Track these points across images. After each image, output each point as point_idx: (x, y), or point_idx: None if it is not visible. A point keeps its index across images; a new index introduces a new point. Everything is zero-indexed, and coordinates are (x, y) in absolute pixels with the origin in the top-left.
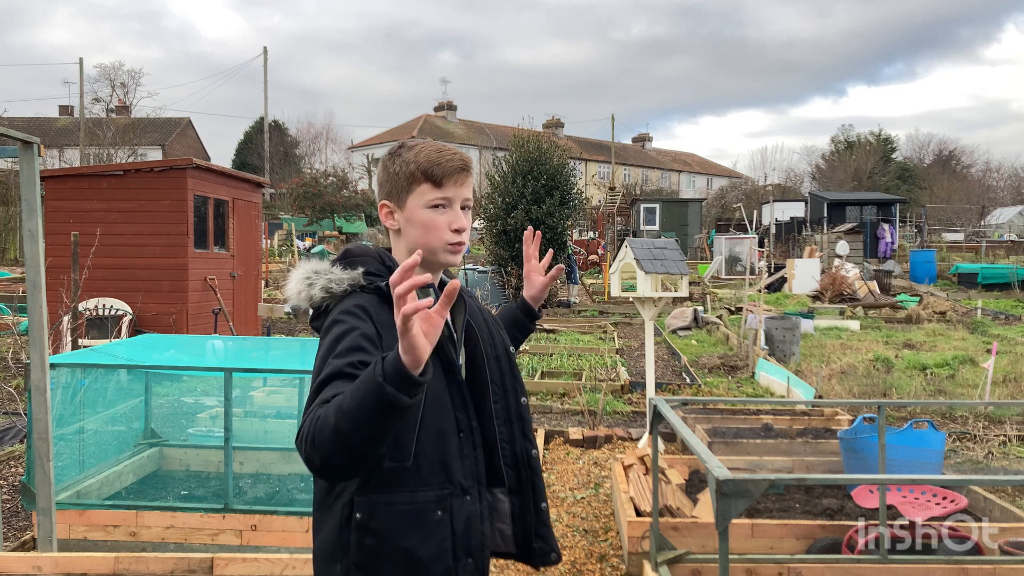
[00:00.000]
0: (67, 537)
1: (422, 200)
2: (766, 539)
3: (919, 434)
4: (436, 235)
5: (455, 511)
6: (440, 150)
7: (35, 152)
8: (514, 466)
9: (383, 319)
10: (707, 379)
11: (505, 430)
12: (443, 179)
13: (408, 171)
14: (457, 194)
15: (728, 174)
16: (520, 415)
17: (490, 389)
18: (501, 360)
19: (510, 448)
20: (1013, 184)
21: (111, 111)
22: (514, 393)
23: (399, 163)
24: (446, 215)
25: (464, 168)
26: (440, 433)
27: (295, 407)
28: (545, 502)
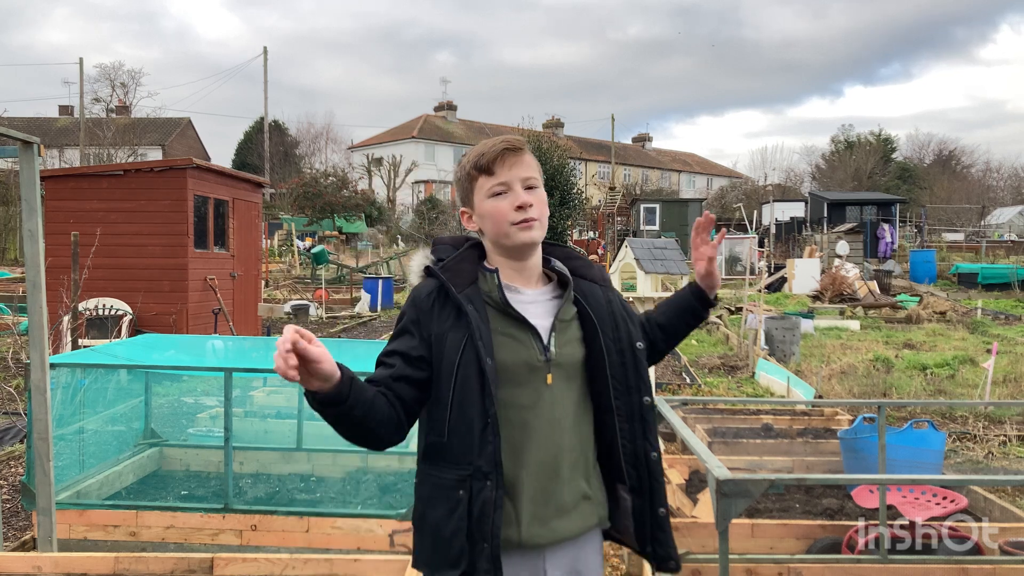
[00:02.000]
0: (67, 537)
1: (483, 193)
2: (766, 539)
3: (919, 434)
4: (502, 220)
5: (474, 493)
6: (485, 143)
7: (35, 152)
8: (634, 465)
9: (427, 305)
10: (707, 379)
11: (627, 427)
12: (491, 165)
13: (465, 173)
14: (512, 175)
15: (728, 174)
16: (642, 415)
17: (610, 384)
18: (625, 355)
19: (631, 447)
20: (1013, 184)
21: (111, 111)
22: (637, 391)
23: (459, 170)
24: (507, 198)
25: (508, 148)
26: (467, 417)
27: (295, 407)
28: (664, 507)
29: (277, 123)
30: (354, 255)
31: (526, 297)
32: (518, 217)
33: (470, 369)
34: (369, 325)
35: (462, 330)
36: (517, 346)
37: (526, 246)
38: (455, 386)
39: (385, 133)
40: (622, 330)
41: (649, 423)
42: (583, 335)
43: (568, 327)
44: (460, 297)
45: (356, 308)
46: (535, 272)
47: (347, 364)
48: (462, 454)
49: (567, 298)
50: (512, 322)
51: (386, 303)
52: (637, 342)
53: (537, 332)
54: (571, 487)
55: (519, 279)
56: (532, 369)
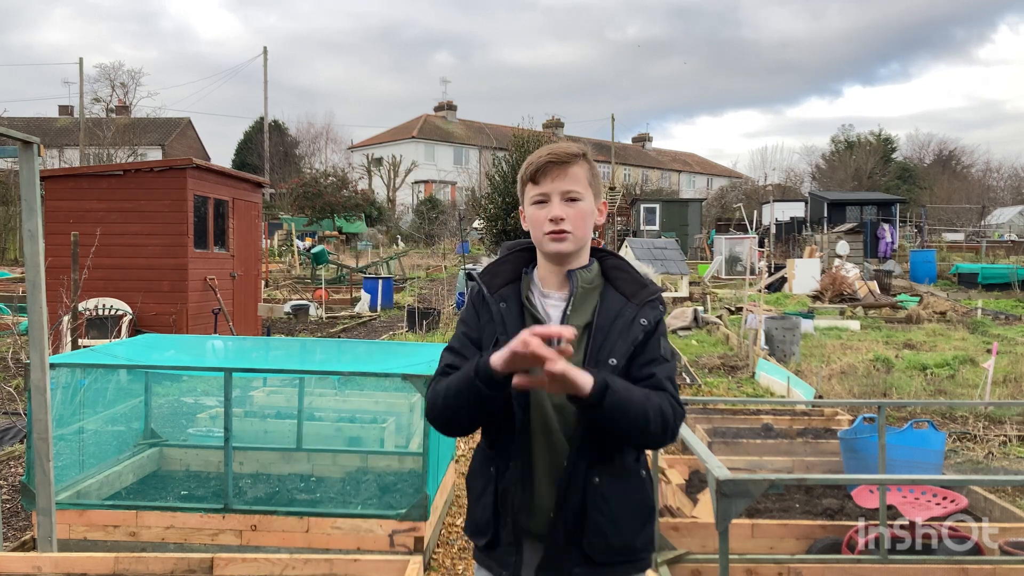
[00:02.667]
0: (67, 537)
1: (528, 199)
2: (766, 539)
3: (919, 434)
4: (538, 228)
5: (500, 473)
6: (540, 152)
7: (35, 152)
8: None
9: (476, 300)
10: (707, 379)
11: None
12: (536, 176)
13: (519, 178)
14: (553, 187)
15: (728, 174)
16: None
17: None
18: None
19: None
20: (1013, 184)
21: (111, 111)
22: None
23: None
24: (544, 209)
25: (554, 161)
26: (508, 407)
27: (295, 407)
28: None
29: (277, 123)
30: (354, 255)
31: (552, 300)
32: (549, 228)
33: None
34: (369, 325)
35: (494, 326)
36: None
37: (555, 256)
38: None
39: (385, 133)
40: (609, 342)
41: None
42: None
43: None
44: (492, 297)
45: (356, 308)
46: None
47: (347, 364)
48: (496, 438)
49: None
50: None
51: (386, 303)
52: (611, 358)
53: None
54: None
55: (552, 281)
56: None
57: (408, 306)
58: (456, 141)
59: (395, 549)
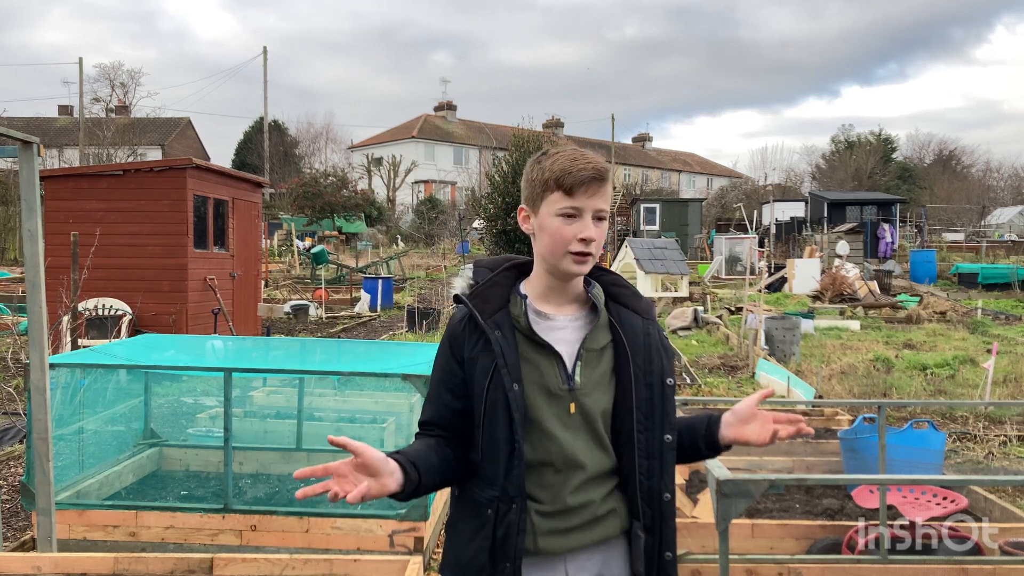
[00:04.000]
0: (67, 537)
1: (553, 208)
2: (766, 539)
3: (919, 434)
4: (562, 244)
5: (499, 515)
6: (575, 159)
7: (34, 152)
8: (649, 503)
9: (459, 331)
10: (707, 379)
11: (646, 464)
12: (574, 188)
13: (543, 179)
14: (588, 204)
15: (728, 174)
16: (662, 453)
17: (635, 417)
18: (654, 389)
19: (648, 484)
20: (1013, 184)
21: (111, 111)
22: (660, 428)
23: (537, 170)
24: (574, 225)
25: (597, 178)
26: (495, 441)
27: (295, 407)
28: (672, 552)
29: (277, 123)
30: (354, 255)
31: (556, 323)
32: (576, 248)
33: (497, 395)
34: (369, 325)
35: (490, 356)
36: (538, 373)
37: (573, 276)
38: (485, 411)
39: (385, 133)
40: (655, 363)
41: (667, 462)
42: (614, 364)
43: (599, 357)
44: (486, 323)
45: (356, 308)
46: (572, 294)
47: (347, 364)
48: (492, 476)
49: (597, 325)
50: (536, 348)
51: (386, 303)
52: (668, 377)
53: (561, 359)
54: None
55: (554, 300)
56: (554, 396)
57: (408, 306)
58: (456, 141)
59: (395, 549)
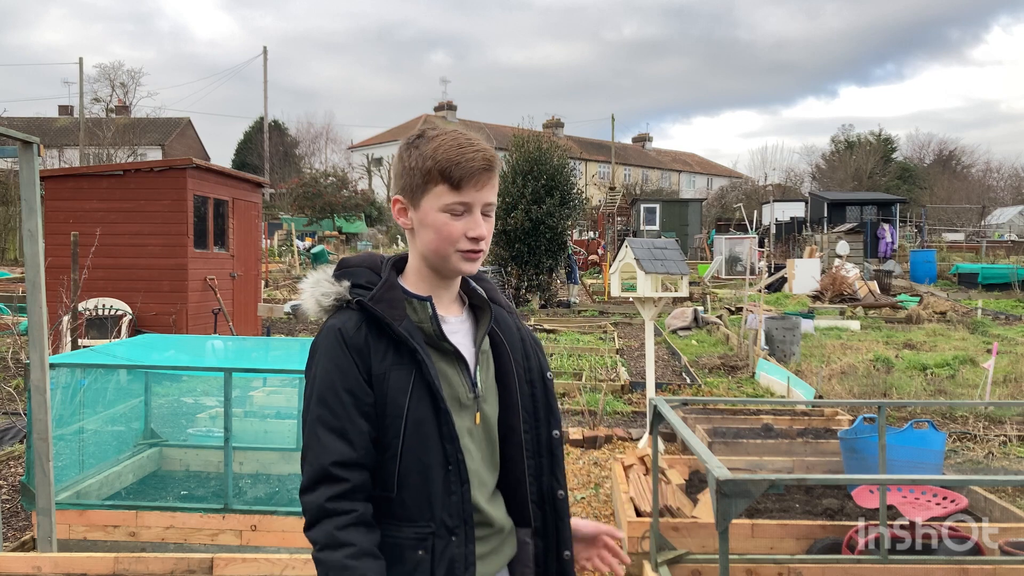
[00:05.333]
0: (67, 537)
1: (438, 202)
2: (766, 539)
3: (919, 434)
4: (449, 242)
5: (437, 553)
6: (462, 146)
7: (35, 152)
8: (540, 505)
9: (359, 342)
10: (707, 379)
11: (533, 464)
12: (462, 182)
13: (424, 168)
14: (477, 198)
15: (728, 174)
16: (551, 449)
17: (520, 417)
18: (535, 385)
19: (536, 485)
20: (1013, 184)
21: (111, 111)
22: (547, 424)
23: (416, 157)
24: (463, 221)
25: (487, 168)
26: (424, 466)
27: (295, 407)
28: (569, 550)
29: (277, 123)
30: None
31: (451, 326)
32: (467, 246)
33: (423, 411)
34: None
35: (406, 368)
36: (448, 383)
37: (461, 274)
38: (405, 432)
39: (385, 133)
40: (532, 359)
41: (556, 458)
42: (496, 365)
43: (487, 359)
44: (403, 332)
45: None
46: (454, 294)
47: None
48: (419, 509)
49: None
50: (442, 356)
51: None
52: (547, 372)
53: (467, 366)
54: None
55: (442, 300)
56: (463, 408)
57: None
58: None
59: None
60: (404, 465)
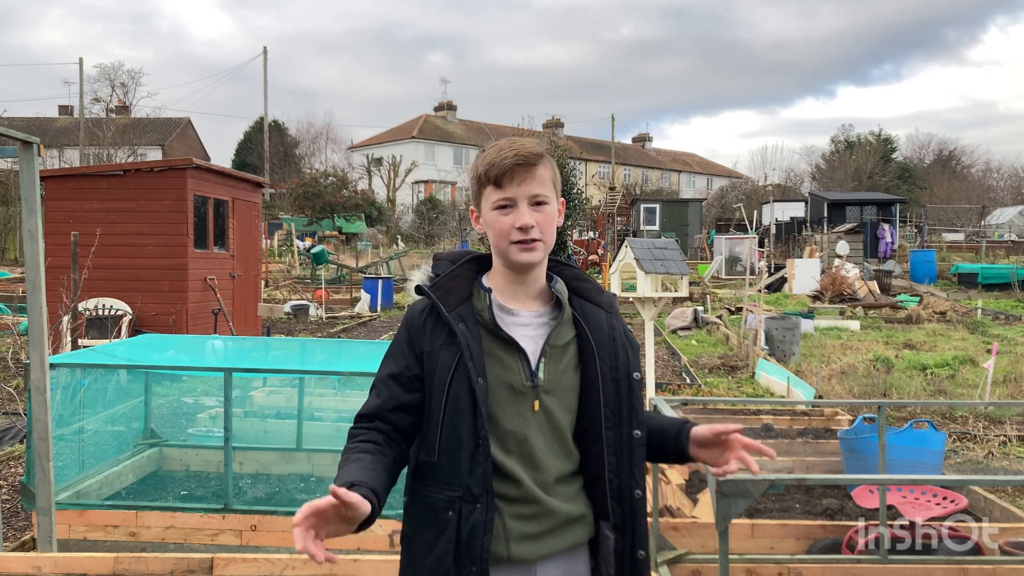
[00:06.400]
0: (67, 537)
1: (489, 203)
2: (766, 539)
3: (919, 434)
4: (503, 236)
5: (463, 516)
6: (500, 149)
7: (35, 152)
8: (619, 501)
9: (419, 323)
10: (707, 379)
11: (615, 461)
12: (501, 179)
13: (476, 176)
14: (520, 192)
15: (728, 174)
16: (631, 449)
17: (602, 413)
18: (620, 384)
19: (617, 481)
20: (1013, 184)
21: (111, 111)
22: (628, 423)
23: (472, 169)
24: (510, 215)
25: (521, 163)
26: (457, 437)
27: (295, 407)
28: (644, 550)
29: (277, 123)
30: (354, 255)
31: (520, 319)
32: (517, 236)
33: (461, 388)
34: (369, 325)
35: (454, 348)
36: (502, 368)
37: (524, 266)
38: (446, 405)
39: (385, 133)
40: (620, 358)
41: (637, 458)
42: (579, 360)
43: (563, 352)
44: (450, 316)
45: (356, 308)
46: (534, 289)
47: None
48: (452, 475)
49: (561, 321)
50: (500, 343)
51: (386, 303)
52: (634, 372)
53: (525, 355)
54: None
55: (518, 295)
56: (517, 393)
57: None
58: (456, 141)
59: (395, 549)
60: (444, 435)
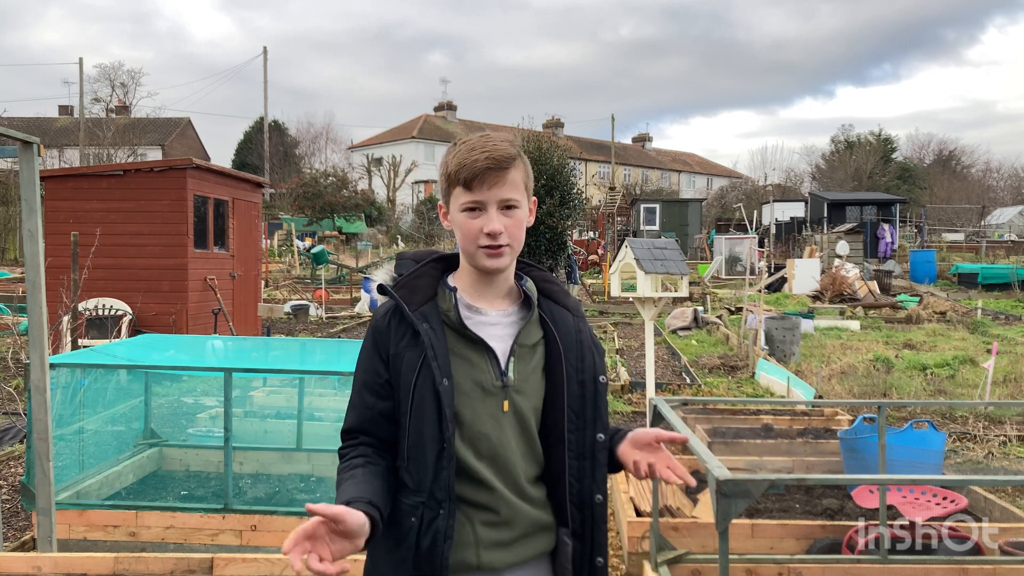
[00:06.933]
0: (67, 537)
1: (457, 204)
2: (766, 539)
3: (919, 434)
4: (471, 239)
5: (424, 522)
6: (472, 148)
7: (35, 152)
8: (579, 507)
9: (383, 326)
10: (707, 379)
11: (576, 464)
12: (471, 182)
13: (446, 173)
14: (489, 196)
15: (728, 174)
16: (594, 452)
17: (566, 415)
18: (586, 387)
19: (578, 486)
20: (1013, 184)
21: (111, 111)
22: (592, 426)
23: (442, 164)
24: (479, 219)
25: (493, 167)
26: (422, 440)
27: (295, 407)
28: (603, 556)
29: (277, 123)
30: (354, 255)
31: (488, 318)
32: (485, 241)
33: (425, 390)
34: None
35: (418, 349)
36: (471, 368)
37: (491, 271)
38: (412, 408)
39: (385, 133)
40: (587, 360)
41: (599, 463)
42: (546, 361)
43: (531, 353)
44: (414, 316)
45: (356, 308)
46: (503, 289)
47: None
48: (418, 479)
49: (529, 320)
50: (468, 343)
51: None
52: (600, 375)
53: (495, 354)
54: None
55: (486, 294)
56: (487, 393)
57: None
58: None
59: None
60: (411, 438)
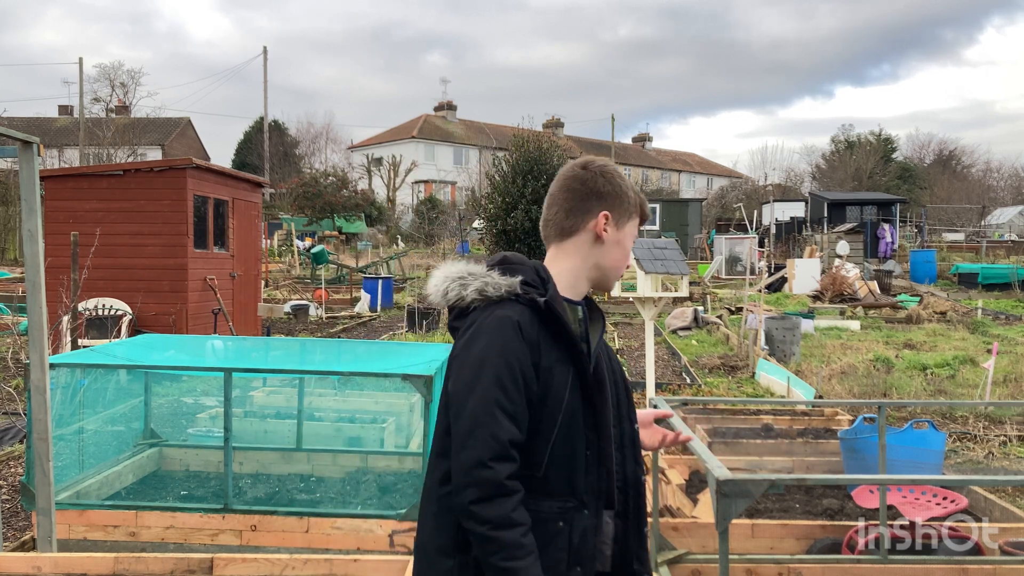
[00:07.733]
0: (67, 537)
1: (633, 230)
2: (766, 539)
3: (919, 434)
4: (621, 263)
5: (574, 524)
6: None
7: (34, 152)
8: (623, 490)
9: (533, 336)
10: (707, 379)
11: (618, 455)
12: (645, 220)
13: (634, 201)
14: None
15: (728, 174)
16: (632, 440)
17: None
18: (619, 385)
19: (621, 472)
20: (1013, 184)
21: (111, 111)
22: (628, 419)
23: (628, 186)
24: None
25: None
26: (571, 449)
27: (295, 407)
28: (647, 526)
29: (277, 123)
30: (354, 255)
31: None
32: (624, 272)
33: (576, 403)
34: (369, 325)
35: (567, 363)
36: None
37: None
38: (561, 420)
39: (385, 133)
40: (614, 361)
41: (638, 446)
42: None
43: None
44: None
45: (356, 308)
46: None
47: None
48: (561, 486)
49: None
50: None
51: (386, 303)
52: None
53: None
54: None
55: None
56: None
57: (408, 306)
58: (456, 141)
59: (395, 549)
60: (555, 449)
